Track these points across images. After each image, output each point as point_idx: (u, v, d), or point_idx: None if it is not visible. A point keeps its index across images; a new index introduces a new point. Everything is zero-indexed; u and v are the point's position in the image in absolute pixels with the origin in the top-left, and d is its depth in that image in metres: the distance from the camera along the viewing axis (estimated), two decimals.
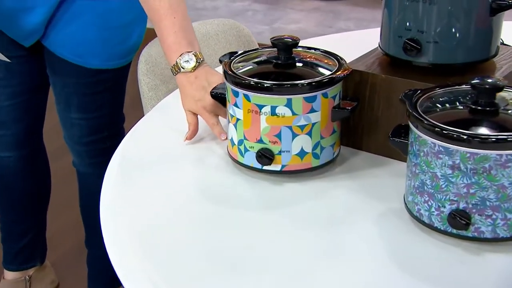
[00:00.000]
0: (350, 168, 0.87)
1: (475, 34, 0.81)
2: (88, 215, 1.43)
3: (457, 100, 0.72)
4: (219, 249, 0.71)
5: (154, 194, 0.82)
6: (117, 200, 0.81)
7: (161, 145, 0.94)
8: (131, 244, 0.73)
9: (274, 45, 0.84)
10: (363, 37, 1.09)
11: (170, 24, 0.94)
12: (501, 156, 0.64)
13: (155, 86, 1.21)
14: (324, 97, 0.81)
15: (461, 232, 0.68)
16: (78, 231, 1.53)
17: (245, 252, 0.70)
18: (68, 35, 1.21)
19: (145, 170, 0.87)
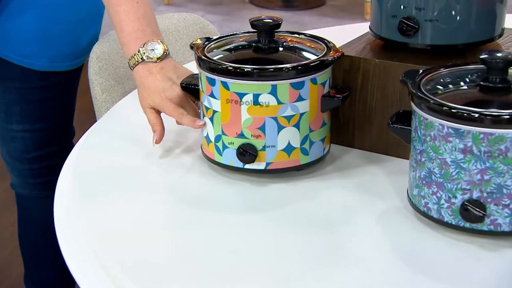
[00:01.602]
0: (342, 166, 0.86)
1: (479, 12, 0.82)
2: (29, 246, 1.37)
3: (464, 79, 0.72)
4: (203, 255, 0.70)
5: (120, 208, 0.79)
6: (76, 222, 0.78)
7: (120, 151, 0.92)
8: (100, 261, 0.71)
9: (254, 26, 0.84)
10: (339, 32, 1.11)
11: (133, 9, 0.92)
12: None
13: (109, 87, 1.19)
14: (313, 83, 0.81)
15: (475, 226, 0.68)
16: (14, 268, 1.47)
17: (232, 257, 0.69)
18: (9, 31, 1.16)
19: (106, 180, 0.85)
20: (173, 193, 0.82)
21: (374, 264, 0.68)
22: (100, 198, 0.81)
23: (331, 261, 0.69)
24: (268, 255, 0.70)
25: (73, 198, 0.82)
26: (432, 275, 0.66)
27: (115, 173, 0.86)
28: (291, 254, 0.70)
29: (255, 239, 0.73)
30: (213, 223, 0.76)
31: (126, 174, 0.86)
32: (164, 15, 1.33)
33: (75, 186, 0.84)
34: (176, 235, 0.74)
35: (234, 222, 0.76)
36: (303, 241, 0.72)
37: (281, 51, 0.84)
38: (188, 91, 0.88)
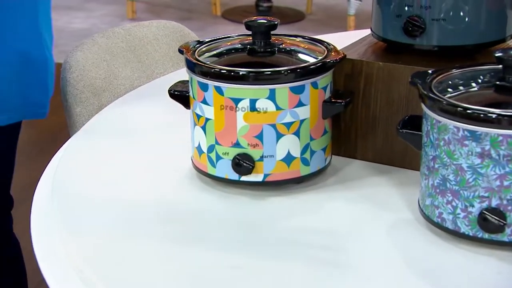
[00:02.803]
0: (345, 177, 0.86)
1: (489, 10, 0.83)
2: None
3: (477, 81, 0.73)
4: (200, 272, 0.69)
5: (108, 226, 0.78)
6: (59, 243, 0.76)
7: (102, 166, 0.91)
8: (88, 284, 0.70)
9: (248, 27, 0.84)
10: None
11: None
12: None
13: (84, 100, 1.19)
14: (313, 88, 0.81)
15: (494, 237, 0.68)
16: None
17: (232, 273, 0.68)
18: None
19: (89, 199, 0.84)
20: (163, 210, 0.81)
21: (386, 281, 0.67)
22: (86, 218, 0.80)
23: (339, 278, 0.68)
24: (271, 270, 0.69)
25: (54, 219, 0.81)
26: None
27: (99, 191, 0.85)
28: (295, 270, 0.69)
29: (255, 255, 0.72)
30: (209, 239, 0.75)
31: (111, 191, 0.85)
32: (142, 23, 1.34)
33: (54, 206, 0.83)
34: (169, 253, 0.73)
35: (231, 237, 0.75)
36: (308, 256, 0.72)
37: (278, 53, 0.84)
38: (177, 98, 0.88)
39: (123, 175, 0.89)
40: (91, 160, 0.93)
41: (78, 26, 3.76)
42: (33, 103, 1.11)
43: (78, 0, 4.12)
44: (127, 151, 0.94)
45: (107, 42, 1.20)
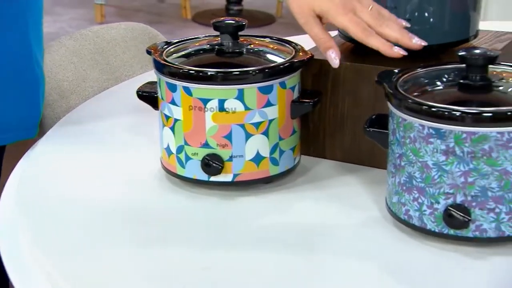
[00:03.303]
0: (314, 177, 0.87)
1: (452, 12, 0.85)
2: None
3: (442, 79, 0.75)
4: (170, 273, 0.69)
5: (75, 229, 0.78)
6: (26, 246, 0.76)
7: (69, 170, 0.90)
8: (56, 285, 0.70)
9: (216, 28, 0.84)
10: None
11: None
12: (502, 135, 0.66)
13: (51, 102, 1.18)
14: (281, 88, 0.82)
15: (459, 233, 0.70)
16: None
17: (203, 274, 0.69)
18: None
19: (57, 204, 0.83)
20: (132, 211, 0.81)
21: (354, 279, 0.68)
22: (53, 220, 0.79)
23: (309, 277, 0.69)
24: (242, 271, 0.70)
25: (20, 222, 0.81)
26: (415, 286, 0.67)
27: (66, 193, 0.84)
28: (265, 269, 0.70)
29: (225, 255, 0.72)
30: (178, 240, 0.75)
31: (79, 194, 0.84)
32: (110, 25, 1.33)
33: (21, 210, 0.82)
34: (137, 254, 0.73)
35: (201, 238, 0.76)
36: (278, 256, 0.72)
37: (246, 54, 0.85)
38: (145, 99, 0.88)
39: (91, 177, 0.88)
40: (58, 163, 0.93)
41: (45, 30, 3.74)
42: (24, 124, 1.05)
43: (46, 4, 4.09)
44: (95, 153, 0.94)
45: (74, 44, 1.20)
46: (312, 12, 0.79)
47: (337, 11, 0.78)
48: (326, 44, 0.79)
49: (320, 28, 0.79)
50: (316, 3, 0.79)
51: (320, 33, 0.79)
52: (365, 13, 0.78)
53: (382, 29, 0.77)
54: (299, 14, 0.80)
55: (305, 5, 0.79)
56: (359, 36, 0.77)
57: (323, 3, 0.78)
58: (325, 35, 0.79)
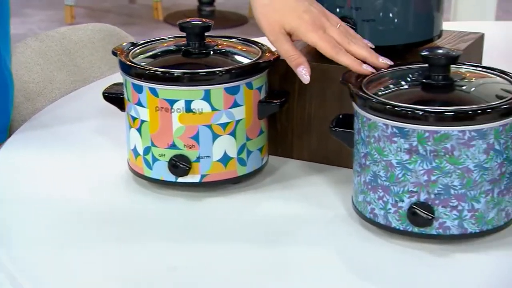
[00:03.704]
0: (282, 177, 0.88)
1: (416, 12, 0.86)
2: None
3: (406, 79, 0.76)
4: (138, 273, 0.69)
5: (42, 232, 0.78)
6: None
7: (36, 172, 0.90)
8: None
9: (182, 29, 0.85)
10: None
11: None
12: (464, 133, 0.68)
13: (17, 104, 1.17)
14: (248, 88, 0.82)
15: (423, 231, 0.71)
16: None
17: (170, 275, 0.69)
18: None
19: (24, 207, 0.83)
20: (99, 213, 0.81)
21: (321, 276, 0.69)
22: (20, 223, 0.79)
23: (276, 275, 0.70)
24: (209, 271, 0.70)
25: None
26: (380, 284, 0.68)
27: (33, 196, 0.84)
28: (232, 269, 0.70)
29: (193, 255, 0.73)
30: (145, 241, 0.75)
31: (46, 196, 0.84)
32: (77, 26, 1.33)
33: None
34: (105, 255, 0.73)
35: (168, 239, 0.76)
36: (245, 255, 0.73)
37: (212, 55, 0.85)
38: (111, 101, 0.88)
39: (58, 179, 0.88)
40: (24, 166, 0.92)
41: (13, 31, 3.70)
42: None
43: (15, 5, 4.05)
44: (62, 155, 0.93)
45: (40, 45, 1.19)
46: (282, 29, 0.80)
47: (307, 28, 0.79)
48: (296, 60, 0.80)
49: (290, 45, 0.81)
50: (286, 20, 0.80)
51: (290, 50, 0.80)
52: (334, 31, 0.80)
53: (350, 47, 0.79)
54: (269, 32, 0.81)
55: (275, 22, 0.80)
56: (329, 53, 0.78)
57: (293, 20, 0.79)
58: (295, 52, 0.80)
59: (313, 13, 0.80)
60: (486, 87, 0.74)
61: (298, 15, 0.79)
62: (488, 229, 0.70)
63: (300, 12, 0.79)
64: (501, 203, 0.71)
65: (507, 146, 0.69)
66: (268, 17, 0.80)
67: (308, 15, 0.79)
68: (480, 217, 0.70)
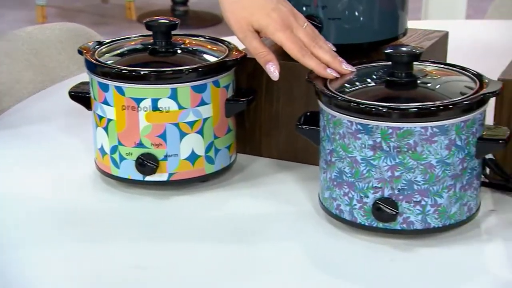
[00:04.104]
0: (251, 175, 0.89)
1: (381, 11, 0.87)
2: None
3: (371, 77, 0.77)
4: (104, 272, 0.69)
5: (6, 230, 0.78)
6: None
7: (4, 170, 0.89)
8: None
9: (149, 27, 0.85)
10: None
11: None
12: (426, 130, 0.69)
13: None
14: (215, 86, 0.83)
15: (388, 226, 0.72)
16: None
17: (136, 273, 0.69)
18: None
19: None
20: (67, 212, 0.80)
21: (288, 272, 0.70)
22: None
23: (244, 272, 0.70)
24: (176, 269, 0.71)
25: None
26: (346, 278, 0.69)
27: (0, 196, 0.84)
28: (201, 267, 0.71)
29: (160, 254, 0.73)
30: (112, 240, 0.75)
31: (14, 196, 0.84)
32: (45, 26, 1.32)
33: None
34: (71, 254, 0.73)
35: (136, 237, 0.76)
36: (213, 253, 0.73)
37: (179, 53, 0.85)
38: (77, 100, 0.88)
39: (26, 179, 0.87)
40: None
41: None
42: None
43: None
44: (30, 155, 0.93)
45: (7, 45, 1.18)
46: (250, 27, 0.81)
47: (275, 28, 0.80)
48: (265, 57, 0.81)
49: (259, 42, 0.81)
50: (254, 18, 0.80)
51: (259, 47, 0.81)
52: (301, 31, 0.80)
53: (315, 51, 0.80)
54: (238, 29, 0.81)
55: (243, 20, 0.81)
56: (295, 55, 0.80)
57: (262, 18, 0.80)
58: (264, 48, 0.81)
59: (281, 11, 0.81)
60: (448, 84, 0.76)
61: (266, 13, 0.80)
62: (450, 223, 0.72)
63: (268, 10, 0.80)
64: (463, 198, 0.72)
65: (469, 141, 0.71)
66: (236, 15, 0.81)
67: (276, 13, 0.80)
68: (443, 212, 0.71)
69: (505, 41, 0.98)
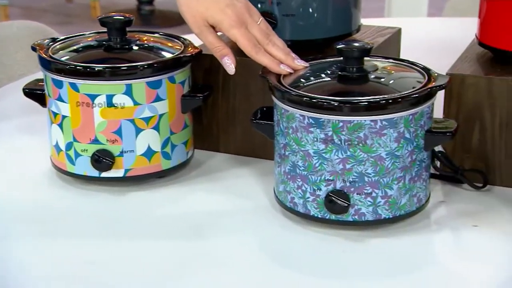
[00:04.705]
0: (208, 170, 0.89)
1: (335, 7, 0.88)
2: None
3: (325, 72, 0.77)
4: (55, 266, 0.69)
5: None
6: None
7: None
8: None
9: (103, 24, 0.85)
10: None
11: None
12: (375, 123, 0.70)
13: None
14: (170, 82, 0.83)
15: (340, 218, 0.73)
16: None
17: (87, 268, 0.70)
18: None
19: None
20: (22, 210, 0.80)
21: (243, 265, 0.71)
22: None
23: (200, 266, 0.71)
24: (133, 264, 0.71)
25: None
26: (299, 270, 0.70)
27: None
28: (158, 262, 0.71)
29: (114, 249, 0.73)
30: (69, 237, 0.75)
31: None
32: (2, 23, 1.32)
33: None
34: (25, 250, 0.73)
35: (93, 233, 0.76)
36: (168, 247, 0.73)
37: (135, 49, 0.85)
38: (32, 97, 0.87)
39: None
40: None
41: None
42: None
43: None
44: None
45: None
46: (205, 22, 0.81)
47: (230, 24, 0.81)
48: (221, 51, 0.82)
49: (215, 36, 0.82)
50: (209, 13, 0.81)
51: (215, 41, 0.82)
52: (255, 28, 0.81)
53: (269, 48, 0.81)
54: (193, 24, 0.82)
55: (198, 15, 0.81)
56: (249, 52, 0.81)
57: (216, 14, 0.81)
58: (219, 43, 0.82)
59: (236, 7, 0.81)
60: (398, 79, 0.77)
61: (221, 9, 0.81)
62: (401, 214, 0.73)
63: (223, 6, 0.81)
64: (413, 189, 0.74)
65: (417, 134, 0.72)
66: (191, 10, 0.82)
67: (231, 9, 0.81)
68: (393, 203, 0.73)
69: (461, 37, 1.00)
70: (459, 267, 0.69)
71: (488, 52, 0.85)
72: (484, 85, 0.79)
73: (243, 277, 0.69)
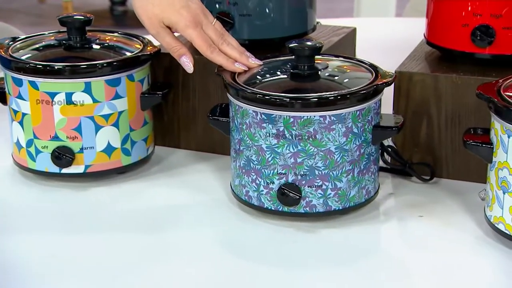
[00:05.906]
0: (168, 166, 0.91)
1: (290, 8, 0.91)
2: None
3: (279, 69, 0.80)
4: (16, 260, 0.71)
5: None
6: None
7: None
8: None
9: (63, 23, 0.86)
10: None
11: None
12: (324, 118, 0.73)
13: None
14: (129, 80, 0.85)
15: (292, 209, 0.75)
16: None
17: (49, 261, 0.71)
18: None
19: None
20: None
21: (201, 257, 0.72)
22: None
23: (159, 258, 0.72)
24: (94, 258, 0.72)
25: None
26: (253, 260, 0.72)
27: None
28: (118, 257, 0.73)
29: (74, 243, 0.75)
30: (30, 232, 0.76)
31: None
32: None
33: None
34: None
35: (54, 229, 0.77)
36: (129, 242, 0.75)
37: (94, 48, 0.87)
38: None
39: None
40: None
41: None
42: None
43: None
44: None
45: None
46: (161, 23, 0.83)
47: (186, 24, 0.82)
48: (179, 51, 0.84)
49: (171, 37, 0.84)
50: (165, 15, 0.83)
51: (172, 41, 0.83)
52: (210, 28, 0.83)
53: (223, 48, 0.83)
54: (149, 26, 0.84)
55: (154, 16, 0.83)
56: (204, 51, 0.83)
57: (172, 15, 0.83)
58: (177, 43, 0.84)
59: (191, 8, 0.83)
60: (348, 76, 0.80)
61: (176, 10, 0.83)
62: (350, 206, 0.76)
63: (178, 7, 0.83)
64: (362, 182, 0.76)
65: (365, 129, 0.75)
66: (147, 11, 0.84)
67: (186, 10, 0.83)
68: (343, 195, 0.76)
69: (416, 37, 1.03)
70: (403, 254, 0.72)
71: (436, 51, 0.88)
72: (431, 82, 0.83)
73: (201, 268, 0.71)
